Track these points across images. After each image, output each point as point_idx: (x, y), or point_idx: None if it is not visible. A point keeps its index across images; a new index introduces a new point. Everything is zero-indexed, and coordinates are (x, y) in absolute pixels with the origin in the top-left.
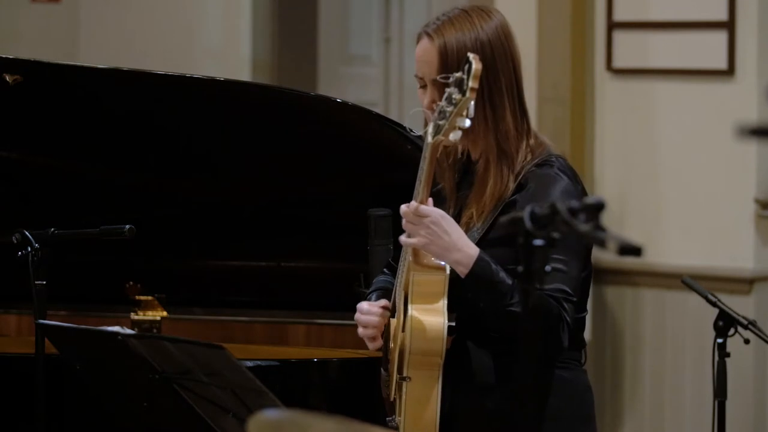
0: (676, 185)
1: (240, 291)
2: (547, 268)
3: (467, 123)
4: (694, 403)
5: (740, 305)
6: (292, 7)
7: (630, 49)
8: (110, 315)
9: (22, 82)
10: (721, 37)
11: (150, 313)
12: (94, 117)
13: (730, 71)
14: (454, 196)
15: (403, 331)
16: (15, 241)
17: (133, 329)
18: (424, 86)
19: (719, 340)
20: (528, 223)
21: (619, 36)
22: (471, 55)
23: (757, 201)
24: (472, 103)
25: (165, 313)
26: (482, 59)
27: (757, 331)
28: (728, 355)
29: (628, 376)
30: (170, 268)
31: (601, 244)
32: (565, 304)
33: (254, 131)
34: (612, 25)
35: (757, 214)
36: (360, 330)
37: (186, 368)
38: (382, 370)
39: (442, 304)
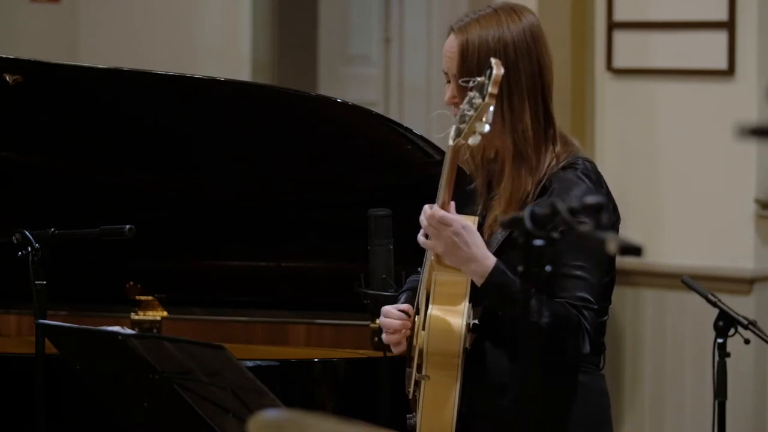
0: (676, 185)
1: (240, 291)
2: (547, 267)
3: (486, 128)
4: (694, 403)
5: (740, 305)
6: (292, 7)
7: (630, 49)
8: (110, 315)
9: (22, 82)
10: (721, 37)
11: (150, 313)
12: (94, 117)
13: (730, 71)
14: (484, 196)
15: (423, 329)
16: (15, 241)
17: (133, 329)
18: (449, 81)
19: (719, 340)
20: (528, 223)
21: (619, 36)
22: (493, 60)
23: (757, 201)
24: (492, 108)
25: (165, 313)
26: (504, 59)
27: (757, 331)
28: (728, 355)
29: (628, 376)
30: (170, 268)
31: (601, 244)
32: (585, 312)
33: (254, 131)
34: (612, 25)
35: (757, 214)
36: (383, 336)
37: (186, 368)
38: (406, 367)
39: (464, 305)
